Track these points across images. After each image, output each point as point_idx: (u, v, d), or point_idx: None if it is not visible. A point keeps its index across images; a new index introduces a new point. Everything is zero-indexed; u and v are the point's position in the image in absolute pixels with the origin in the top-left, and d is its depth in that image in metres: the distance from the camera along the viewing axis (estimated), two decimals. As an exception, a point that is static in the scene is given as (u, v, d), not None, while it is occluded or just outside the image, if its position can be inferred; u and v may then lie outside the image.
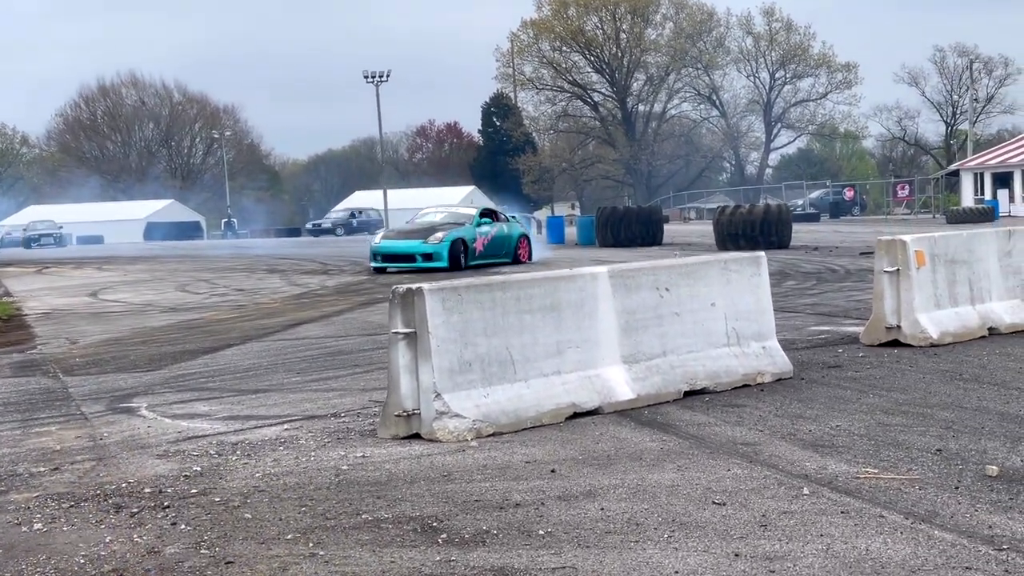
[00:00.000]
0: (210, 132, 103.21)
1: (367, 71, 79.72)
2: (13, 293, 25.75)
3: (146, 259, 42.63)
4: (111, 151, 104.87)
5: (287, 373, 11.29)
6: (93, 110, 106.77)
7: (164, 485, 6.72)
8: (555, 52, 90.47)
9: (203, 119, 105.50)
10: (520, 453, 7.18)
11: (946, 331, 11.07)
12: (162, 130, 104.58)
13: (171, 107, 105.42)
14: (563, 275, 8.57)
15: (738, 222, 33.48)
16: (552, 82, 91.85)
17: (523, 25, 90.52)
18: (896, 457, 6.62)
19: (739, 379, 9.22)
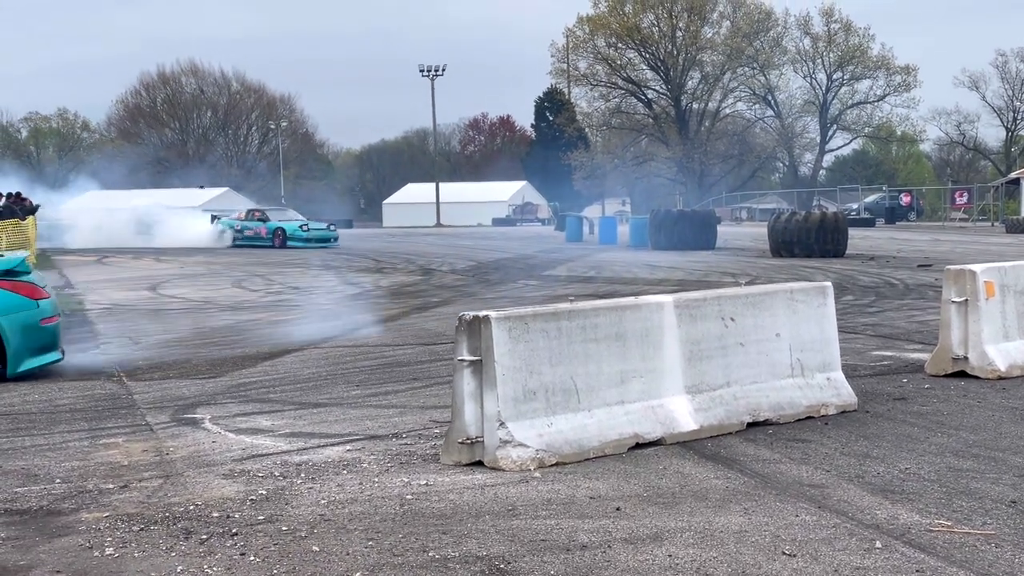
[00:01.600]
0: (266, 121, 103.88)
1: (423, 65, 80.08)
2: (74, 284, 26.04)
3: (202, 251, 42.93)
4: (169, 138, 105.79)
5: (347, 385, 11.34)
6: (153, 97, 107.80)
7: (231, 509, 6.76)
8: (610, 48, 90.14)
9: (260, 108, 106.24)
10: (584, 487, 7.16)
11: (1015, 364, 10.93)
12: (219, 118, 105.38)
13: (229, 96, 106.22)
14: (629, 304, 8.54)
15: (793, 229, 33.26)
16: (606, 78, 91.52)
17: (579, 21, 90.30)
18: (969, 508, 6.54)
19: (803, 411, 9.15)
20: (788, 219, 34.16)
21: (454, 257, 35.24)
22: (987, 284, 10.87)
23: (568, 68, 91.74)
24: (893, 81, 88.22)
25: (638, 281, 24.55)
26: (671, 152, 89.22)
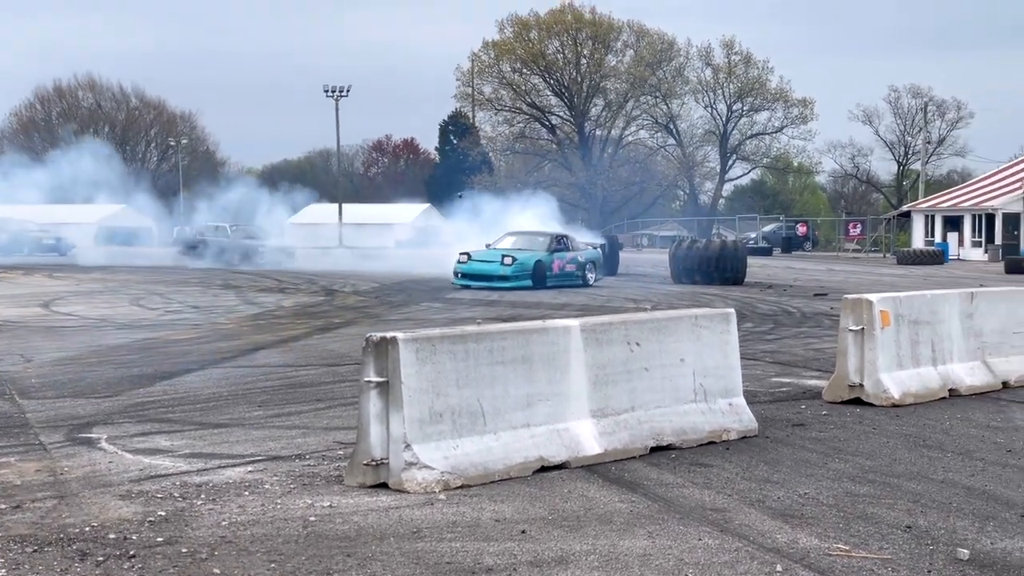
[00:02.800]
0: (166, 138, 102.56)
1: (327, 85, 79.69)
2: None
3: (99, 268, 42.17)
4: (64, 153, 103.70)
5: (248, 406, 11.20)
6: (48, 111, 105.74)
7: (128, 531, 6.63)
8: (515, 74, 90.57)
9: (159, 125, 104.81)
10: (489, 509, 7.16)
11: (908, 392, 11.17)
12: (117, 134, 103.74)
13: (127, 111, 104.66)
14: (536, 327, 8.57)
15: (694, 256, 33.67)
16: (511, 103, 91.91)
17: (484, 46, 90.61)
18: (866, 532, 6.66)
19: (705, 436, 9.25)
20: (689, 246, 34.58)
21: (357, 278, 35.06)
22: (883, 313, 11.10)
23: (473, 92, 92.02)
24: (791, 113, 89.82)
25: (542, 305, 24.64)
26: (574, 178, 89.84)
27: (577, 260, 31.42)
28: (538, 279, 29.85)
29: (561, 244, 31.52)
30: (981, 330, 12.29)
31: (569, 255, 31.23)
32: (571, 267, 31.19)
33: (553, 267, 30.58)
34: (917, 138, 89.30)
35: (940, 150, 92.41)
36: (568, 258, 31.13)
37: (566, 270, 31.04)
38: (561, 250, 31.16)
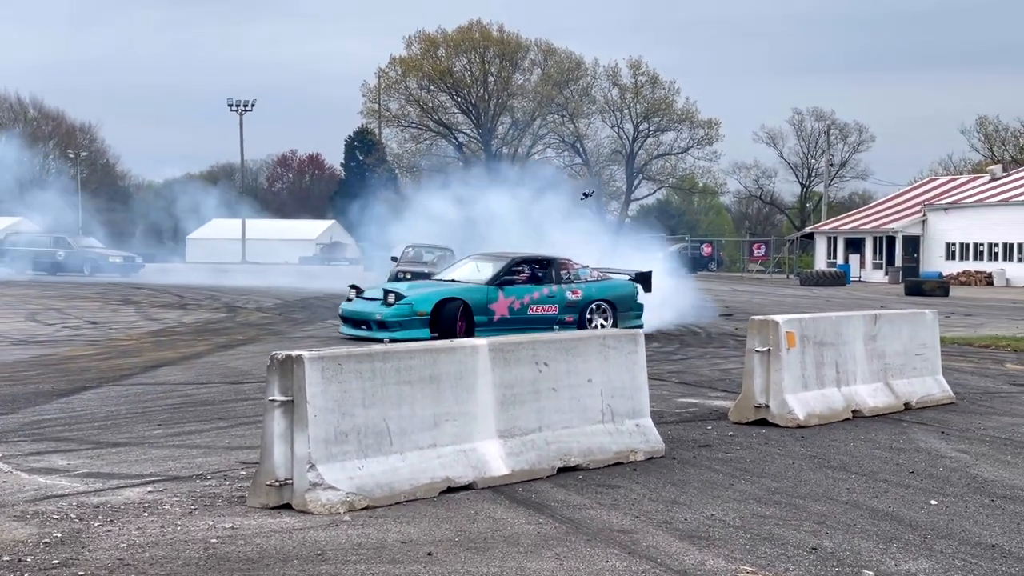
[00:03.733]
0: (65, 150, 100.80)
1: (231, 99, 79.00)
2: None
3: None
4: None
5: (148, 424, 10.97)
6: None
7: (23, 552, 6.43)
8: (422, 91, 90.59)
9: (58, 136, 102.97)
10: (395, 531, 7.06)
11: (812, 412, 11.28)
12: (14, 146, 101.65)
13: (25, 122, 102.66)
14: (444, 346, 8.50)
15: (600, 276, 33.77)
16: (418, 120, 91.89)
17: (392, 62, 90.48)
18: (773, 554, 6.68)
19: (612, 457, 9.24)
20: (595, 265, 34.67)
21: (260, 295, 34.68)
22: (789, 335, 11.20)
23: (380, 108, 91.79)
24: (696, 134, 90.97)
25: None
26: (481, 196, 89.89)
27: (565, 298, 21.09)
28: (447, 325, 19.61)
29: (531, 272, 21.18)
30: (884, 352, 12.47)
31: (547, 289, 20.94)
32: (547, 309, 20.90)
33: (496, 308, 20.34)
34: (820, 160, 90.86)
35: (842, 173, 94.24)
36: (544, 294, 20.89)
37: (534, 313, 20.78)
38: (528, 283, 20.90)
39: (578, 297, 21.25)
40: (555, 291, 21.10)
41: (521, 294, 20.74)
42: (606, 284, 21.92)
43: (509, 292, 20.59)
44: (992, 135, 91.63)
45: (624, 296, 21.94)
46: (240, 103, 79.02)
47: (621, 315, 21.59)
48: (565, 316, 20.93)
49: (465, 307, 19.96)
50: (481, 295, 20.29)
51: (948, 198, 66.06)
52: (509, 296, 20.57)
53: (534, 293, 20.92)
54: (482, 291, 20.35)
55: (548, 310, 20.93)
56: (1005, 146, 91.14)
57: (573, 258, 22.35)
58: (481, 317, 20.13)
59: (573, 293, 21.26)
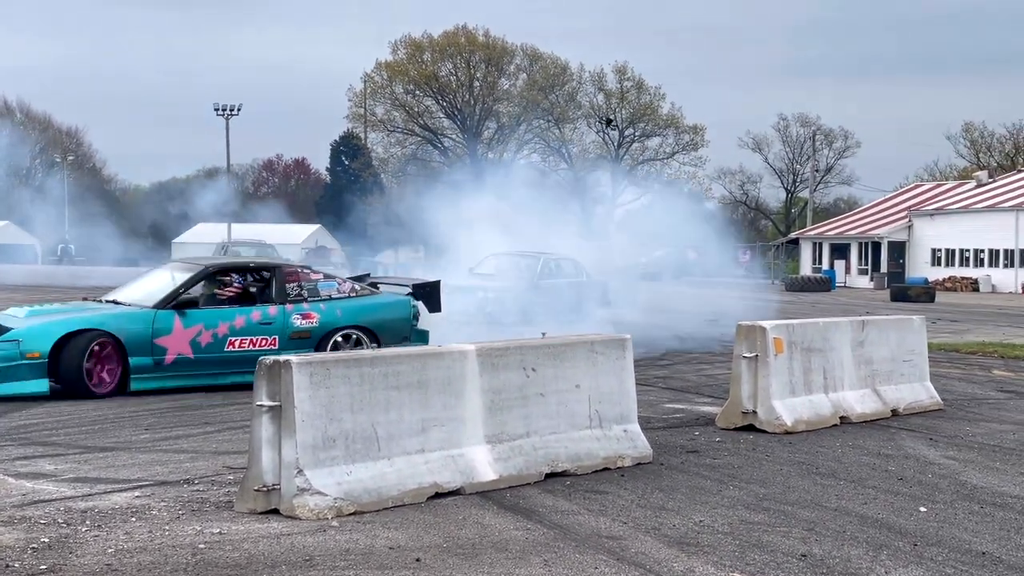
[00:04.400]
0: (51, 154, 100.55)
1: (217, 104, 78.80)
2: None
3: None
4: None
5: (134, 429, 10.94)
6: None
7: (10, 558, 6.41)
8: (408, 95, 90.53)
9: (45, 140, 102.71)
10: (383, 537, 7.04)
11: (800, 419, 11.29)
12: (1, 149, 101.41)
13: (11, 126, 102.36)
14: (432, 351, 8.49)
15: (586, 281, 33.75)
16: (403, 125, 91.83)
17: (377, 66, 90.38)
18: (762, 561, 6.68)
19: (600, 462, 9.23)
20: (581, 271, 34.66)
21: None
22: (776, 340, 11.21)
23: (365, 113, 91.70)
24: (682, 139, 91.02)
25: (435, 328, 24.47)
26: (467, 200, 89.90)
27: (290, 325, 14.63)
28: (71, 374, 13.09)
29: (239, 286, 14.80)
30: (872, 358, 12.48)
31: (260, 313, 14.51)
32: (259, 342, 14.38)
33: (170, 344, 13.80)
34: (805, 166, 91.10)
35: (828, 178, 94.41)
36: (255, 320, 14.45)
37: (237, 349, 14.20)
38: (230, 304, 14.55)
39: (313, 323, 14.73)
40: (273, 315, 14.51)
41: (214, 321, 14.11)
42: (363, 303, 15.39)
43: (194, 319, 13.96)
44: (978, 141, 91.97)
45: (391, 321, 15.51)
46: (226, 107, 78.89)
47: (389, 346, 14.42)
48: (291, 352, 12.07)
49: (114, 344, 13.39)
50: (142, 324, 13.63)
51: (934, 204, 66.29)
52: (193, 325, 13.94)
53: (237, 319, 14.29)
54: (144, 318, 13.71)
55: (260, 344, 14.29)
56: (991, 152, 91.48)
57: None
58: (143, 358, 13.54)
59: (305, 317, 14.74)
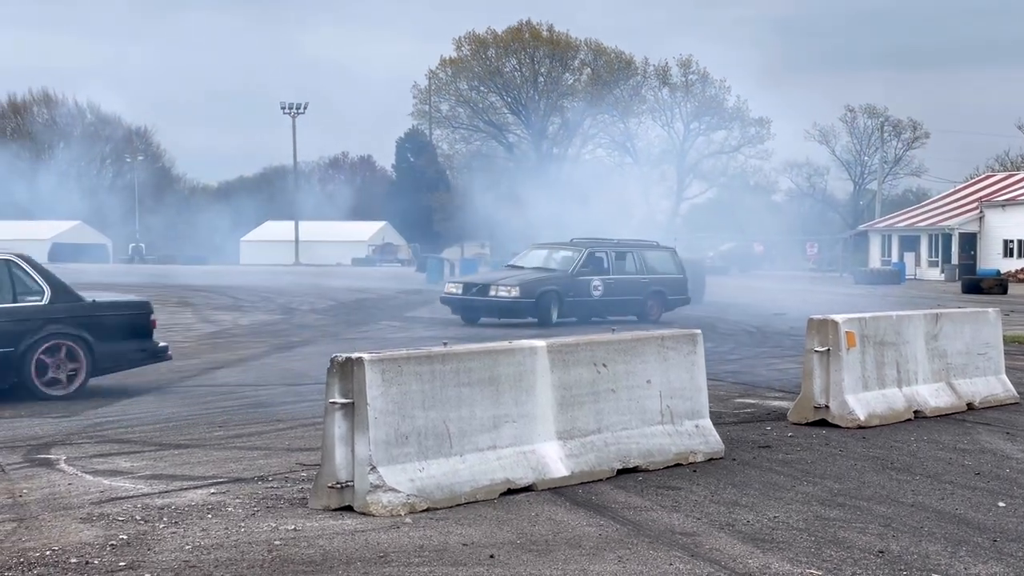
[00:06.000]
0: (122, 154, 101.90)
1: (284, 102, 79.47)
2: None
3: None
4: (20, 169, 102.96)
5: (208, 426, 11.05)
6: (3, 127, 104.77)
7: (90, 555, 6.49)
8: (472, 91, 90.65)
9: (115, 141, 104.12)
10: (456, 533, 7.06)
11: (873, 413, 11.17)
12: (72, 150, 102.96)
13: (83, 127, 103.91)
14: (503, 348, 8.49)
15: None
16: (468, 121, 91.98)
17: (442, 63, 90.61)
18: (839, 557, 6.61)
19: (672, 458, 9.19)
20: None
21: (314, 296, 34.84)
22: (848, 334, 11.10)
23: (430, 110, 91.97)
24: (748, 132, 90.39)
25: (501, 325, 24.55)
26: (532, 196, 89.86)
27: None
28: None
29: None
30: (946, 351, 12.32)
31: None
32: None
33: None
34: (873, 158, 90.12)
35: (896, 170, 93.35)
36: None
37: None
38: None
39: None
40: None
41: None
42: None
43: None
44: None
45: None
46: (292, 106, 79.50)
47: None
48: None
49: None
50: None
51: (1005, 194, 65.28)
52: None
53: None
54: None
55: None
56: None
57: None
58: None
59: None
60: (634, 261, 25.61)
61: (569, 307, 23.96)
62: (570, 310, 24.00)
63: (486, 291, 23.72)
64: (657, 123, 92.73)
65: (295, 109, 80.00)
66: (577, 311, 24.21)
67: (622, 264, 25.42)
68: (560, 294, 23.82)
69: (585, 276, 24.46)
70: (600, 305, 24.57)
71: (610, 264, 25.06)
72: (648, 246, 26.75)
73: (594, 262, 24.83)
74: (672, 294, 26.01)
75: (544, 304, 23.53)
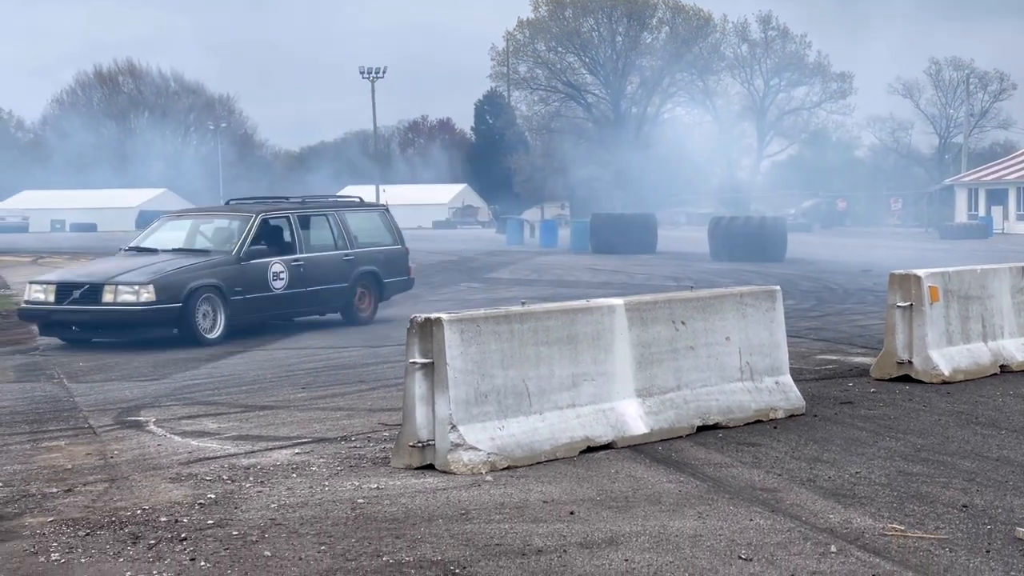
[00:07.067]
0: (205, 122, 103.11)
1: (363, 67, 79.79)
2: (11, 285, 25.63)
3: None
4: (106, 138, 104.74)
5: (292, 388, 11.23)
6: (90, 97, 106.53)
7: (179, 514, 6.65)
8: (550, 52, 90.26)
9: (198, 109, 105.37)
10: (536, 491, 7.12)
11: (958, 368, 11.04)
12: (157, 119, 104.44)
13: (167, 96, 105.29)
14: (580, 307, 8.51)
15: (735, 232, 33.51)
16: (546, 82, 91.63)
17: (519, 24, 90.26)
18: (922, 512, 6.57)
19: (752, 415, 9.17)
20: (729, 223, 34.42)
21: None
22: (932, 289, 10.96)
23: (508, 71, 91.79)
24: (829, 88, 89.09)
25: (581, 284, 24.57)
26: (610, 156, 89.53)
27: None
28: None
29: None
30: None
31: None
32: None
33: None
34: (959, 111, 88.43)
35: (983, 123, 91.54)
36: None
37: None
38: None
39: None
40: None
41: None
42: None
43: None
44: None
45: None
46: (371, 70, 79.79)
47: None
48: None
49: None
50: None
51: (1096, 145, 63.78)
52: None
53: None
54: None
55: None
56: None
57: None
58: None
59: None
60: (332, 230, 17.25)
61: (239, 310, 15.47)
62: (241, 313, 15.56)
63: (97, 295, 14.67)
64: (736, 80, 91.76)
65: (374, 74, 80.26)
66: (251, 313, 15.82)
67: (315, 235, 17.15)
68: (223, 291, 15.24)
69: (259, 259, 15.91)
70: (285, 301, 16.24)
71: (297, 236, 16.57)
72: (349, 205, 18.81)
73: (271, 235, 16.39)
74: (389, 275, 17.94)
75: (190, 310, 14.75)
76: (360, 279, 17.26)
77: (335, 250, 17.03)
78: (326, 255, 16.87)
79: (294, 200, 18.03)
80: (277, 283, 15.95)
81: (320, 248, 16.92)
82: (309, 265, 16.44)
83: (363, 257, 17.35)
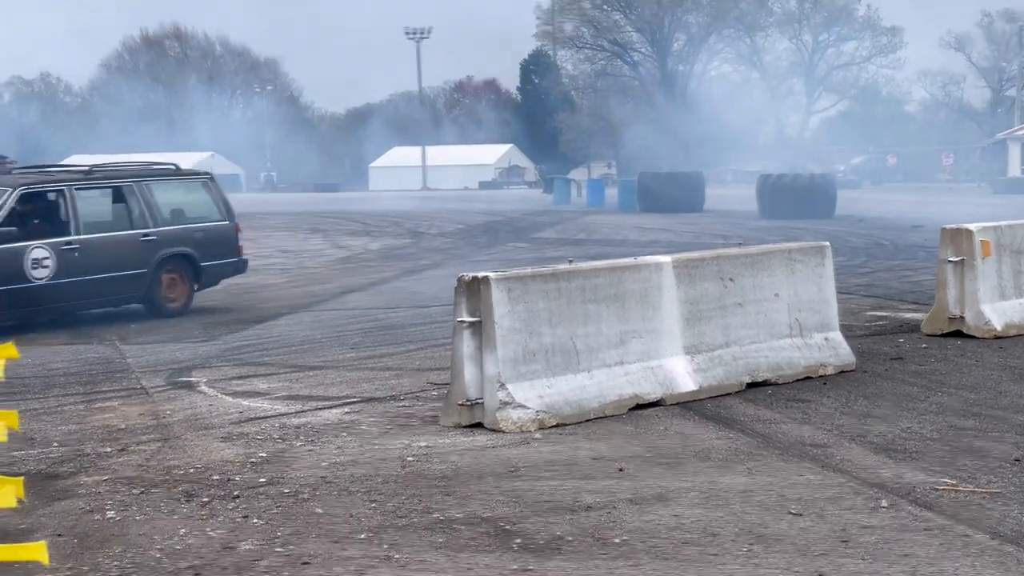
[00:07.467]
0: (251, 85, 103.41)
1: (408, 27, 79.61)
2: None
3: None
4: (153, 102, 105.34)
5: (341, 348, 11.29)
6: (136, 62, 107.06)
7: (231, 472, 6.72)
8: (595, 10, 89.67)
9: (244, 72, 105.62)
10: (586, 448, 7.13)
11: (1011, 323, 10.92)
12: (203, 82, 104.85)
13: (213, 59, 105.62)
14: (628, 264, 8.49)
15: (783, 190, 33.30)
16: (592, 41, 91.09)
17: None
18: (974, 466, 6.52)
19: (801, 371, 9.13)
20: (777, 181, 34.17)
21: (442, 220, 35.14)
22: (983, 243, 10.85)
23: (553, 30, 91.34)
24: (879, 42, 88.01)
25: (629, 243, 24.51)
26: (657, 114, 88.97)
27: None
28: None
29: None
30: (1086, 258, 11.96)
31: None
32: None
33: None
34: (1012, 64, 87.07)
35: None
36: None
37: None
38: None
39: None
40: None
41: None
42: None
43: None
44: None
45: None
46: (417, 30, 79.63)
47: None
48: None
49: None
50: None
51: None
52: None
53: None
54: None
55: None
56: None
57: None
58: None
59: None
60: (129, 205, 14.10)
61: None
62: None
63: None
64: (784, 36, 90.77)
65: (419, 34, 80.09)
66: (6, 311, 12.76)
67: (101, 211, 14.27)
68: None
69: (10, 243, 12.81)
70: (52, 294, 13.07)
71: (73, 214, 13.45)
72: (159, 174, 14.93)
73: (36, 213, 13.54)
74: (209, 257, 14.62)
75: None
76: (165, 263, 14.05)
77: (130, 229, 13.90)
78: (114, 236, 13.78)
79: (79, 169, 14.60)
80: (39, 272, 12.84)
81: (108, 228, 13.87)
82: (87, 248, 13.29)
83: (170, 237, 14.14)
